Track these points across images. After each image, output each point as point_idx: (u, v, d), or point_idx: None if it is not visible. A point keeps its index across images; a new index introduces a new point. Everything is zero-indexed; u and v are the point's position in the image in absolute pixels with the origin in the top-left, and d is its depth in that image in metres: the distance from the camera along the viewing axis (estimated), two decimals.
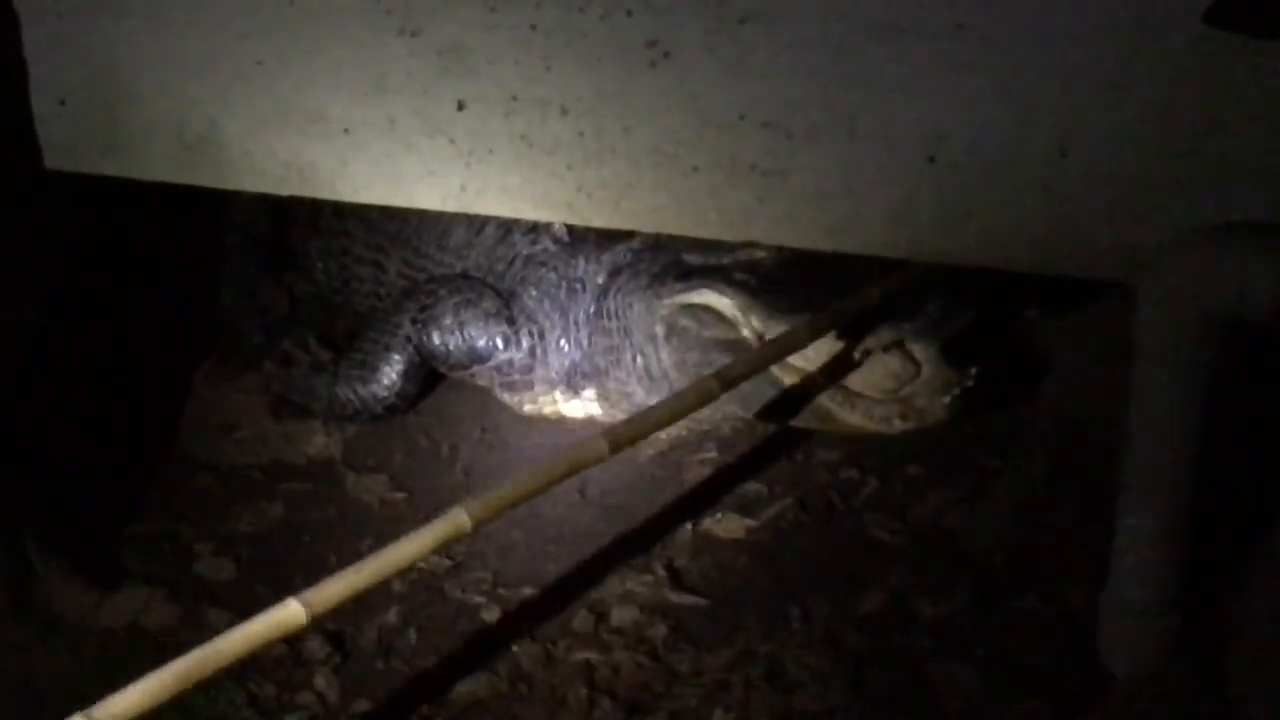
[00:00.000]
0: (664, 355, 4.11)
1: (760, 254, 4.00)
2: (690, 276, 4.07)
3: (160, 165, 3.66)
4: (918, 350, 3.85)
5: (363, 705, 3.42)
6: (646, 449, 4.23)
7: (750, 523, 3.97)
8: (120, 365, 4.35)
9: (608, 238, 4.24)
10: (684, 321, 4.06)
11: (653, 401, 4.10)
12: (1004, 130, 3.14)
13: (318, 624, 2.84)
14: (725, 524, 3.97)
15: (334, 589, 2.85)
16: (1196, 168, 3.05)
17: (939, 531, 3.89)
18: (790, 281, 3.92)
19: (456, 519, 3.01)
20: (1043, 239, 3.21)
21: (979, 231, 3.24)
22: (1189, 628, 3.29)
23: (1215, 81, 2.98)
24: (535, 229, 4.40)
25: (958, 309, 3.86)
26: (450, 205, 3.57)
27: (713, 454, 4.21)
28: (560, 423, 4.39)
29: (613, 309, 4.24)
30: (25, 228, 3.63)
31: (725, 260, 4.04)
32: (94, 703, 2.63)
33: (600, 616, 3.66)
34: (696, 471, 4.18)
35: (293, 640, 3.56)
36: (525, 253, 4.44)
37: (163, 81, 3.57)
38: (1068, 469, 3.98)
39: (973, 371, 3.85)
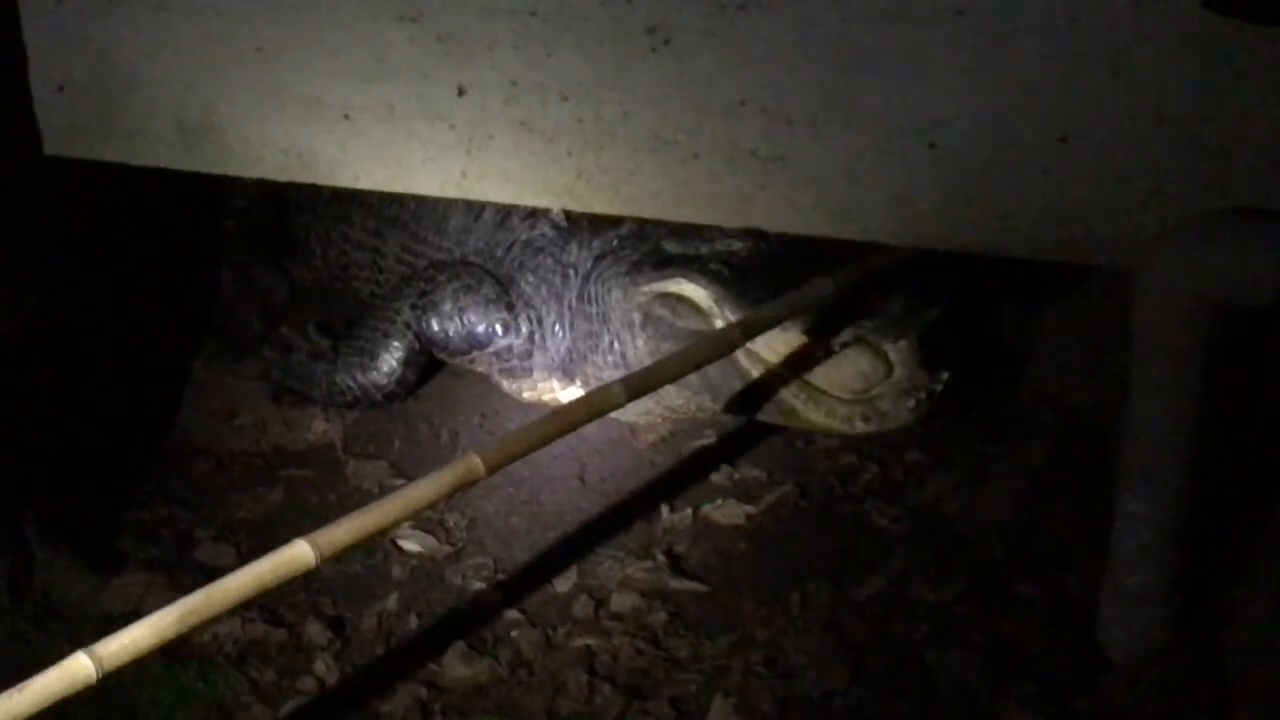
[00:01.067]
0: (640, 343, 4.10)
1: (737, 245, 3.97)
2: (668, 265, 4.05)
3: (159, 151, 3.67)
4: (891, 351, 3.82)
5: (363, 691, 3.43)
6: (646, 435, 4.24)
7: (750, 509, 3.97)
8: (120, 351, 4.35)
9: (601, 223, 4.23)
10: (659, 310, 4.05)
11: None
12: (1004, 117, 3.14)
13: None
14: (725, 510, 3.98)
15: (342, 531, 2.79)
16: (1196, 154, 3.05)
17: (938, 517, 3.90)
18: (765, 274, 3.89)
19: (469, 463, 2.97)
20: (1042, 225, 3.21)
21: (979, 217, 3.24)
22: (1188, 613, 3.29)
23: (1215, 68, 2.98)
24: (533, 214, 4.39)
25: (921, 308, 3.80)
26: (450, 191, 3.56)
27: (712, 440, 4.21)
28: None
29: (593, 294, 4.24)
30: (24, 213, 3.62)
31: (703, 250, 4.02)
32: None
33: (600, 602, 3.67)
34: (696, 458, 4.18)
35: (293, 625, 3.58)
36: (523, 238, 4.44)
37: (161, 68, 3.57)
38: (1067, 455, 3.99)
39: (944, 376, 3.82)
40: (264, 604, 3.62)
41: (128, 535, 3.88)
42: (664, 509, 3.99)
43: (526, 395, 4.42)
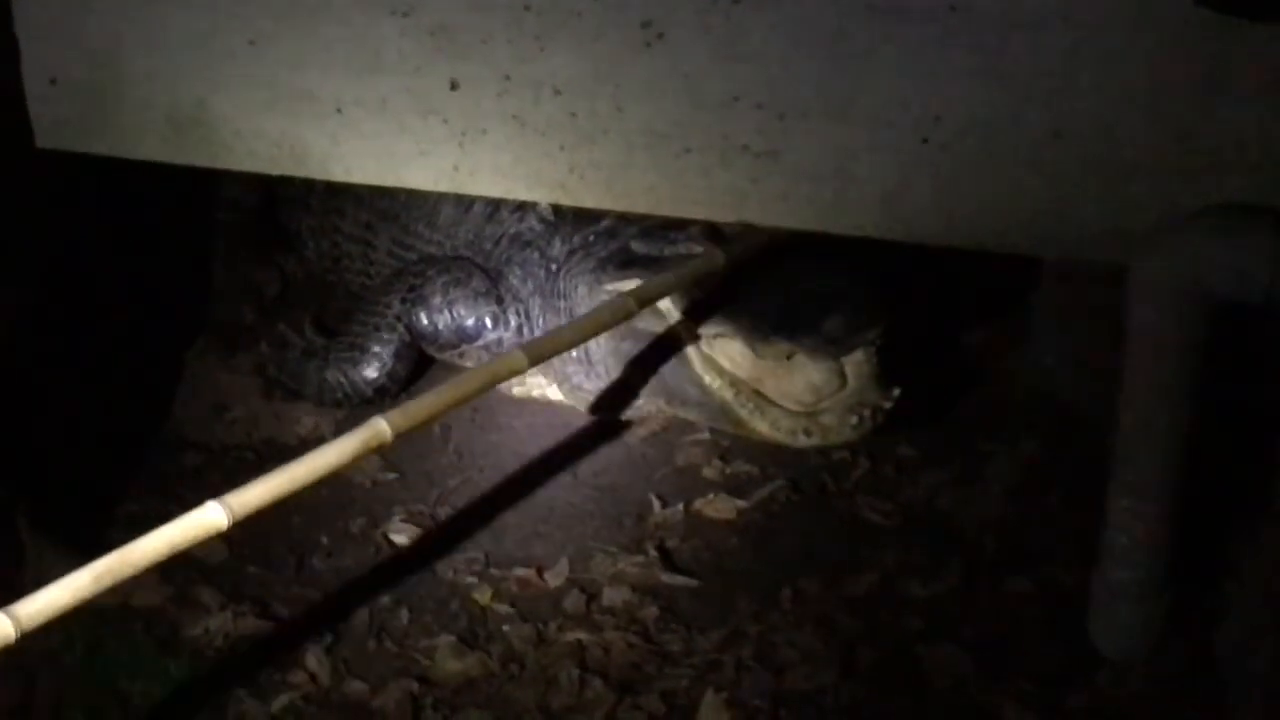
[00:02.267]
0: (600, 341, 4.11)
1: (698, 249, 3.98)
2: (631, 265, 4.07)
3: (151, 145, 3.66)
4: (848, 364, 3.81)
5: (354, 685, 3.42)
6: (638, 429, 4.24)
7: (742, 504, 3.97)
8: (111, 344, 4.34)
9: (583, 219, 4.24)
10: None
11: (589, 386, 4.21)
12: (998, 112, 3.14)
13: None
14: (717, 505, 3.97)
15: (255, 493, 2.81)
16: (1190, 150, 3.06)
17: (930, 513, 3.90)
18: (720, 280, 3.92)
19: (376, 426, 2.99)
20: (1036, 221, 3.22)
21: (972, 213, 3.24)
22: (1180, 609, 3.30)
23: (1209, 64, 2.98)
24: (522, 208, 4.39)
25: (859, 328, 3.78)
26: (443, 185, 3.56)
27: (704, 435, 4.20)
28: (549, 405, 4.38)
29: (562, 289, 4.25)
30: (15, 207, 3.62)
31: (666, 252, 4.03)
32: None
33: (592, 597, 3.67)
34: (688, 452, 4.18)
35: (285, 620, 3.57)
36: (512, 231, 4.44)
37: (154, 61, 3.56)
38: (1059, 451, 3.99)
39: (895, 393, 3.80)
40: (255, 597, 3.62)
41: (119, 527, 3.86)
42: (656, 504, 3.98)
43: (516, 391, 4.41)
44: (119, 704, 3.32)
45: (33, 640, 3.40)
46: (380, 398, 4.39)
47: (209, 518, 2.76)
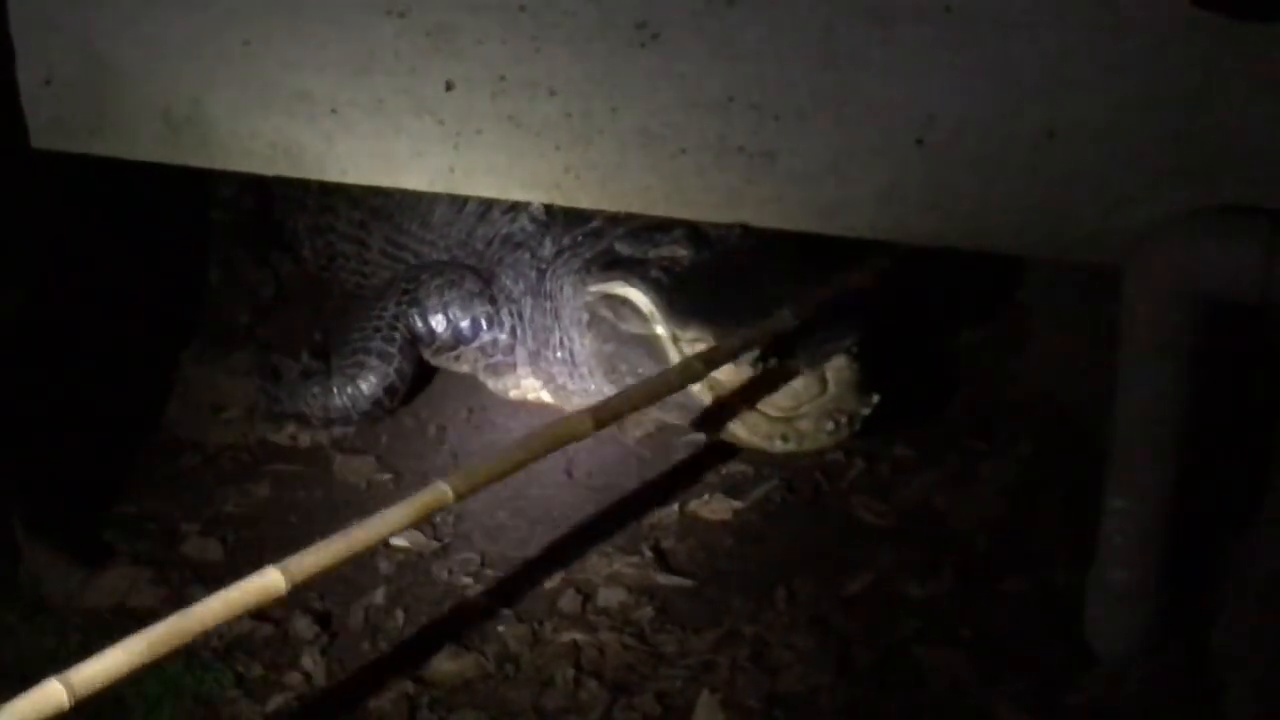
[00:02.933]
0: (586, 342, 4.13)
1: (681, 252, 4.00)
2: (615, 267, 4.08)
3: (146, 145, 3.66)
4: (829, 371, 3.82)
5: (350, 686, 3.42)
6: (634, 430, 4.24)
7: (737, 504, 3.97)
8: (107, 345, 4.34)
9: (572, 219, 4.24)
10: (603, 311, 4.07)
11: (573, 387, 4.22)
12: (992, 113, 3.14)
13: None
14: (712, 505, 3.98)
15: (314, 559, 2.80)
16: (1184, 151, 3.05)
17: (926, 513, 3.90)
18: (703, 284, 3.94)
19: (438, 490, 2.99)
20: (1030, 222, 3.21)
21: (966, 214, 3.24)
22: (1174, 609, 3.29)
23: (1203, 65, 2.98)
24: (515, 208, 4.40)
25: (834, 337, 3.80)
26: (439, 186, 3.57)
27: (700, 436, 4.20)
28: (545, 407, 4.38)
29: (549, 290, 4.26)
30: (10, 207, 3.61)
31: (650, 254, 4.05)
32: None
33: (587, 597, 3.67)
34: (683, 453, 4.18)
35: (280, 620, 3.57)
36: (504, 231, 4.45)
37: (149, 61, 3.56)
38: (1054, 451, 3.99)
39: (874, 400, 3.81)
40: None
41: (115, 529, 3.88)
42: (651, 504, 3.98)
43: (513, 394, 4.41)
44: (113, 704, 3.31)
45: (27, 641, 3.45)
46: (388, 400, 4.36)
47: (269, 583, 2.74)
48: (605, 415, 3.32)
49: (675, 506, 3.98)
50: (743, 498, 3.99)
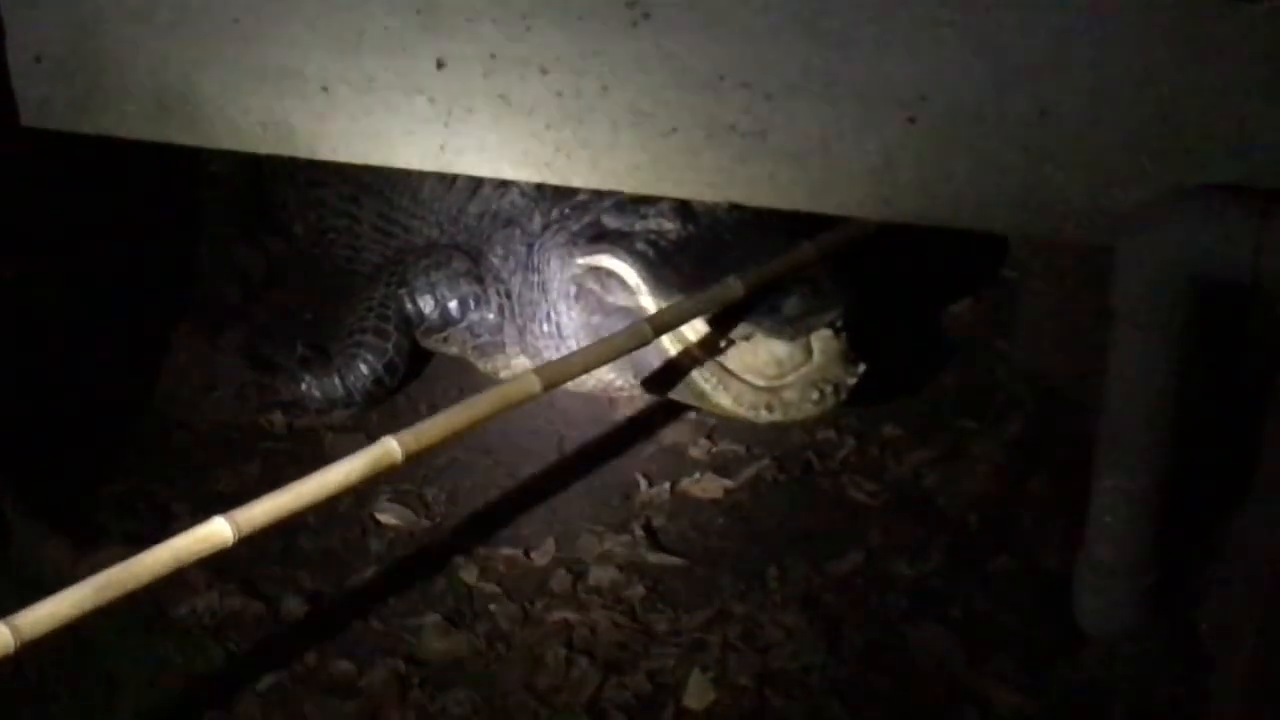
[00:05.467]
0: (573, 314, 4.14)
1: (668, 225, 4.00)
2: (602, 240, 4.09)
3: (136, 123, 3.65)
4: (815, 340, 3.83)
5: (341, 665, 3.43)
6: (624, 408, 4.24)
7: (728, 483, 3.98)
8: (97, 323, 4.33)
9: (561, 194, 4.23)
10: (590, 284, 4.08)
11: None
12: (984, 91, 3.13)
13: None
14: (703, 484, 3.98)
15: (262, 510, 2.83)
16: (1176, 130, 3.05)
17: (916, 492, 3.91)
18: (687, 257, 3.94)
19: (387, 446, 3.01)
20: (1022, 200, 3.21)
21: (958, 192, 3.23)
22: (1164, 589, 3.30)
23: (1196, 44, 2.97)
24: (504, 183, 4.39)
25: (818, 309, 3.79)
26: (429, 164, 3.56)
27: (691, 414, 4.21)
28: None
29: (536, 263, 4.26)
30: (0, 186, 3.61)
31: (636, 227, 4.05)
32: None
33: (578, 576, 3.67)
34: (674, 431, 4.18)
35: (271, 599, 3.58)
36: (494, 207, 4.45)
37: (139, 39, 3.55)
38: (1044, 431, 4.00)
39: (860, 370, 3.82)
40: (242, 577, 3.62)
41: (105, 508, 3.88)
42: (642, 483, 3.99)
43: (503, 375, 4.40)
44: (105, 683, 3.32)
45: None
46: (389, 378, 4.35)
47: (215, 532, 2.78)
48: (554, 376, 3.35)
49: (666, 485, 3.98)
50: (734, 477, 4.00)
